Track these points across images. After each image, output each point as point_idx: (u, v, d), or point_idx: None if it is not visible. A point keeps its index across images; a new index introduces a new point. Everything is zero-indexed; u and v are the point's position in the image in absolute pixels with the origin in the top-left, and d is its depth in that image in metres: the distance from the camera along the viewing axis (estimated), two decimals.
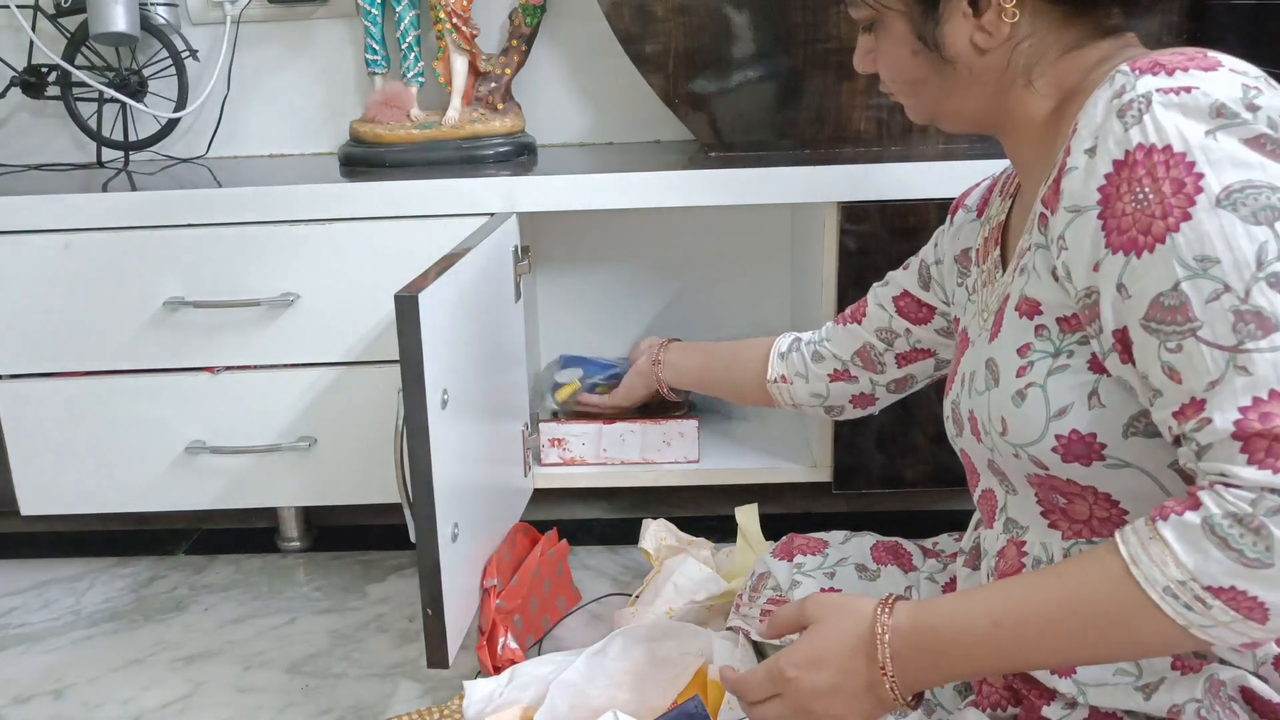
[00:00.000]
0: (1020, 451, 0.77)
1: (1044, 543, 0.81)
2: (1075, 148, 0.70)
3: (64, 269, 1.39)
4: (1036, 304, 0.76)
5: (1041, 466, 0.76)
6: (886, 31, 0.81)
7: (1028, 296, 0.77)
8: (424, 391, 1.03)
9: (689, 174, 1.38)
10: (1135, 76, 0.67)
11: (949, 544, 1.08)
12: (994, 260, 0.88)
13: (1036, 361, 0.75)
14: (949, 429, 0.89)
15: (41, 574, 1.58)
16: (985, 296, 0.88)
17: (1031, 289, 0.76)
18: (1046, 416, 0.74)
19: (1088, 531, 0.78)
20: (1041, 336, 0.75)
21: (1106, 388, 0.72)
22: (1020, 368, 0.76)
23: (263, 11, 1.70)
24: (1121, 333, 0.68)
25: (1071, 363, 0.73)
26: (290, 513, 1.63)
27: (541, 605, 1.33)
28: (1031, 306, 0.76)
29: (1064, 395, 0.74)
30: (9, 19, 1.69)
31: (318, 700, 1.24)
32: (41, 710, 1.25)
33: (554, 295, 1.77)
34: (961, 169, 1.35)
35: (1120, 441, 0.72)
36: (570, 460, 1.50)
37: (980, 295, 0.89)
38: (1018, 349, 0.77)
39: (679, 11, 1.48)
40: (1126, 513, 0.75)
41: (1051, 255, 0.73)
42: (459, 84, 1.59)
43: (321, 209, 1.38)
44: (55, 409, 1.44)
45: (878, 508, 1.64)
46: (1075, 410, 0.73)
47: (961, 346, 0.91)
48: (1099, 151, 0.68)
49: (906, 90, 0.84)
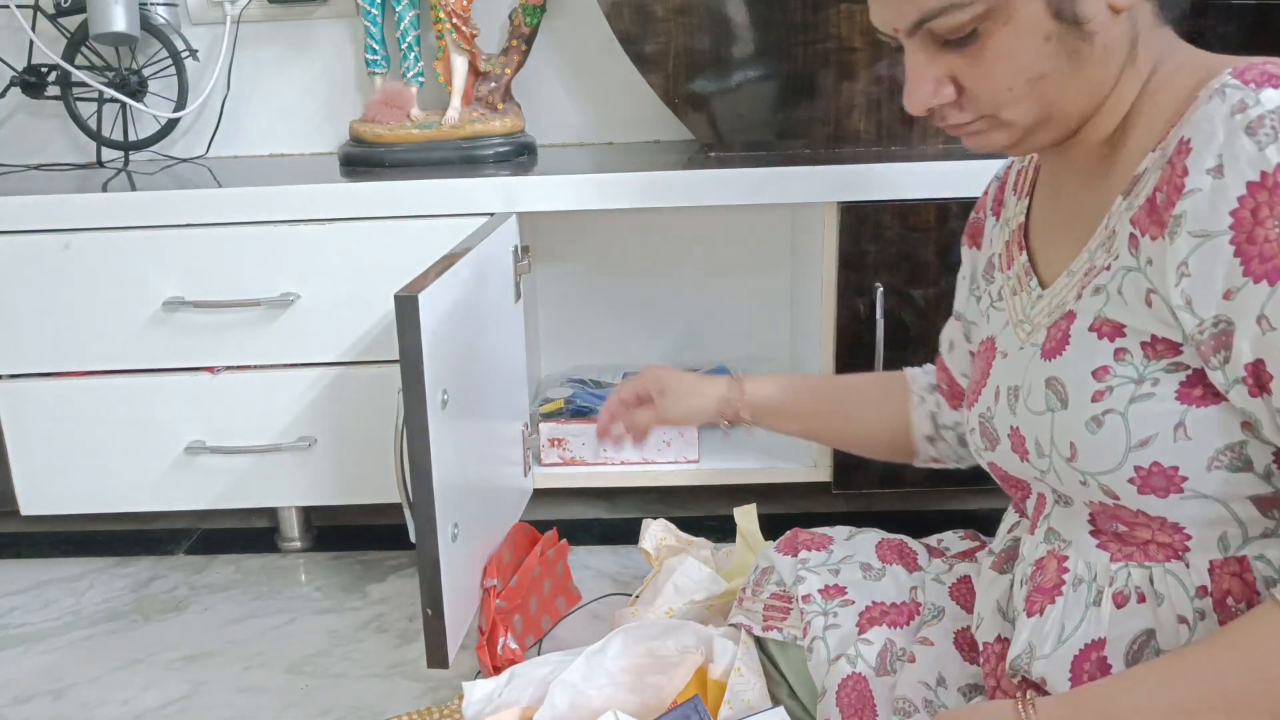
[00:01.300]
0: (1090, 479, 0.73)
1: (1088, 562, 0.76)
2: (1193, 167, 0.64)
3: (64, 269, 1.39)
4: (1120, 326, 0.71)
5: (1111, 496, 0.72)
6: (1012, 26, 0.69)
7: (1109, 319, 0.71)
8: (424, 391, 1.03)
9: (689, 174, 1.38)
10: (1254, 90, 0.63)
11: (955, 543, 1.06)
12: (1022, 266, 0.83)
13: (1116, 387, 0.70)
14: (975, 442, 0.86)
15: (41, 574, 1.58)
16: (1020, 306, 0.82)
17: (1114, 311, 0.71)
18: (1126, 446, 0.70)
19: (1140, 555, 0.74)
20: (1123, 361, 0.70)
21: (1195, 420, 0.68)
22: (1097, 392, 0.71)
23: (262, 11, 1.70)
24: (1256, 365, 0.64)
25: (1157, 391, 0.69)
26: (290, 512, 1.63)
27: (541, 605, 1.33)
28: (1114, 329, 0.71)
29: (1147, 425, 0.69)
30: (9, 19, 1.69)
31: (317, 700, 1.24)
32: (41, 710, 1.25)
33: (554, 295, 1.77)
34: (962, 169, 1.35)
35: (1203, 475, 0.69)
36: (570, 460, 1.50)
37: (1011, 304, 0.84)
38: (1093, 371, 0.71)
39: (679, 11, 1.48)
40: (1190, 538, 0.72)
41: (1144, 279, 0.68)
42: (459, 84, 1.59)
43: (321, 209, 1.38)
44: (55, 409, 1.44)
45: (877, 508, 1.64)
46: (1158, 441, 0.69)
47: (987, 356, 0.86)
48: (1228, 172, 0.63)
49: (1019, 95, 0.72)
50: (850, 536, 1.08)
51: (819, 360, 1.45)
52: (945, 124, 0.76)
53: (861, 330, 1.41)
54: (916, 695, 0.88)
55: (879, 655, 0.91)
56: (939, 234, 1.38)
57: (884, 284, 1.38)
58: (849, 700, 0.90)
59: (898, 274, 1.39)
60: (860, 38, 1.48)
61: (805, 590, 1.00)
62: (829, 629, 0.95)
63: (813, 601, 0.98)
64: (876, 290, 1.38)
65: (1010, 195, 0.89)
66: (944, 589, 0.97)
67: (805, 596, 0.99)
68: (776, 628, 1.01)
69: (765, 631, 1.02)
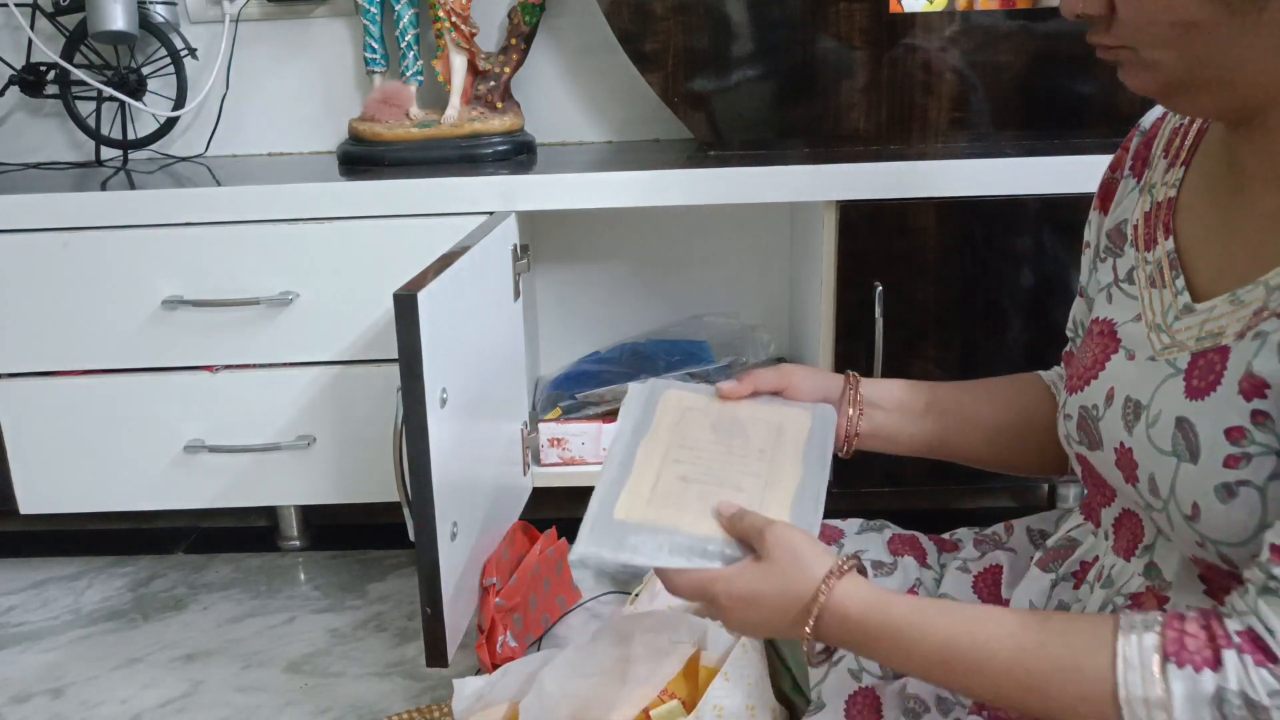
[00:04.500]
0: (1210, 545, 0.65)
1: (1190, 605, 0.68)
2: None
3: (63, 268, 1.39)
4: (1263, 384, 0.60)
5: (1227, 563, 0.64)
6: None
7: (1254, 374, 0.61)
8: (423, 390, 1.02)
9: (688, 173, 1.38)
10: None
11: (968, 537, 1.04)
12: (1166, 255, 0.71)
13: (1255, 457, 0.61)
14: (1068, 429, 0.77)
15: (40, 573, 1.58)
16: (1159, 307, 0.71)
17: (1263, 366, 0.60)
18: (1260, 524, 0.61)
19: None
20: (1262, 427, 0.60)
21: None
22: (1231, 457, 0.61)
23: (261, 10, 1.69)
24: None
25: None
26: (289, 511, 1.63)
27: (541, 604, 1.33)
28: (1256, 386, 0.61)
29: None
30: (8, 17, 1.69)
31: (316, 699, 1.24)
32: (40, 709, 1.25)
33: (553, 294, 1.77)
34: (961, 169, 1.35)
35: None
36: (570, 460, 1.50)
37: (1148, 297, 0.72)
38: (1226, 430, 0.62)
39: (678, 10, 1.48)
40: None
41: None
42: (458, 82, 1.59)
43: (320, 208, 1.38)
44: (54, 408, 1.44)
45: (879, 505, 1.63)
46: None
47: (1104, 344, 0.75)
48: None
49: (1164, 39, 0.62)
50: (862, 530, 1.06)
51: (819, 360, 1.45)
52: (1092, 41, 0.67)
53: (861, 329, 1.41)
54: (927, 693, 0.86)
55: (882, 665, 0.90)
56: (938, 233, 1.38)
57: (883, 283, 1.38)
58: (859, 713, 0.89)
59: (897, 273, 1.39)
60: (859, 36, 1.48)
61: None
62: None
63: None
64: (876, 289, 1.38)
65: (1159, 157, 0.76)
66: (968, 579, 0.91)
67: None
68: None
69: None
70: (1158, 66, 0.63)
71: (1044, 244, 1.38)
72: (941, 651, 0.67)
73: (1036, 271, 1.39)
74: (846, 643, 0.73)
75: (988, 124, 1.52)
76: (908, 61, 1.49)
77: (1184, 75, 0.63)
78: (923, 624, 0.68)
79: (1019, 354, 1.41)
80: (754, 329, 1.72)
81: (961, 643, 0.66)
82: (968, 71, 1.49)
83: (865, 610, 0.70)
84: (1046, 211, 1.36)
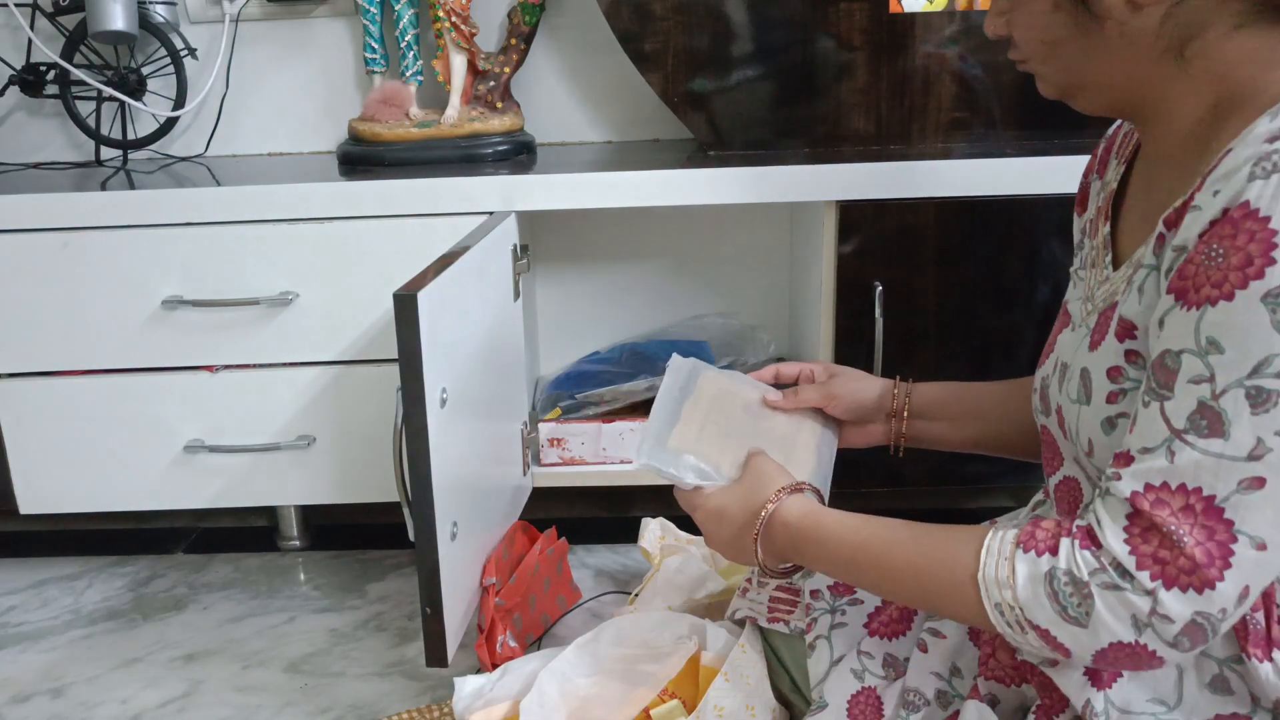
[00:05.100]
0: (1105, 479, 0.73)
1: None
2: (1209, 183, 0.63)
3: (62, 268, 1.39)
4: (1131, 326, 0.70)
5: None
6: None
7: (1125, 317, 0.71)
8: (423, 390, 1.02)
9: (688, 173, 1.38)
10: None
11: None
12: (1104, 238, 0.81)
13: (1129, 390, 0.70)
14: (1035, 403, 0.86)
15: (40, 573, 1.58)
16: (1091, 280, 0.81)
17: (1130, 310, 0.70)
18: None
19: None
20: (1134, 364, 0.70)
21: None
22: (1111, 393, 0.72)
23: (261, 10, 1.69)
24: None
25: None
26: (289, 511, 1.63)
27: (541, 603, 1.33)
28: (1127, 329, 0.70)
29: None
30: (7, 17, 1.69)
31: (316, 699, 1.24)
32: (40, 709, 1.25)
33: (553, 294, 1.77)
34: (962, 169, 1.35)
35: None
36: (569, 460, 1.50)
37: (1088, 276, 0.82)
38: (1108, 370, 0.72)
39: (678, 10, 1.48)
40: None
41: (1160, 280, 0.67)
42: (458, 82, 1.59)
43: (320, 208, 1.38)
44: (54, 408, 1.44)
45: (879, 505, 1.63)
46: None
47: (1061, 321, 0.85)
48: (1220, 195, 0.62)
49: (1042, 54, 0.75)
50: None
51: (819, 360, 1.45)
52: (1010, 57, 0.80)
53: (861, 329, 1.41)
54: (928, 686, 0.87)
55: (883, 665, 0.91)
56: (938, 233, 1.38)
57: (883, 283, 1.38)
58: (861, 713, 0.89)
59: (897, 273, 1.39)
60: (859, 36, 1.48)
61: (814, 585, 0.99)
62: (835, 628, 0.94)
63: (821, 598, 0.97)
64: (876, 289, 1.38)
65: (1114, 157, 0.86)
66: None
67: (814, 592, 0.98)
68: (783, 620, 1.00)
69: (771, 624, 1.01)
70: (1046, 76, 0.77)
71: (1044, 244, 1.38)
72: (853, 551, 0.80)
73: (1037, 271, 1.39)
74: (785, 548, 0.86)
75: (988, 124, 1.52)
76: (908, 61, 1.49)
77: (1067, 81, 0.75)
78: (841, 530, 0.82)
79: (1019, 353, 1.41)
80: (754, 329, 1.72)
81: (873, 545, 0.79)
82: (968, 71, 1.49)
83: (801, 518, 0.84)
84: (1047, 211, 1.36)
